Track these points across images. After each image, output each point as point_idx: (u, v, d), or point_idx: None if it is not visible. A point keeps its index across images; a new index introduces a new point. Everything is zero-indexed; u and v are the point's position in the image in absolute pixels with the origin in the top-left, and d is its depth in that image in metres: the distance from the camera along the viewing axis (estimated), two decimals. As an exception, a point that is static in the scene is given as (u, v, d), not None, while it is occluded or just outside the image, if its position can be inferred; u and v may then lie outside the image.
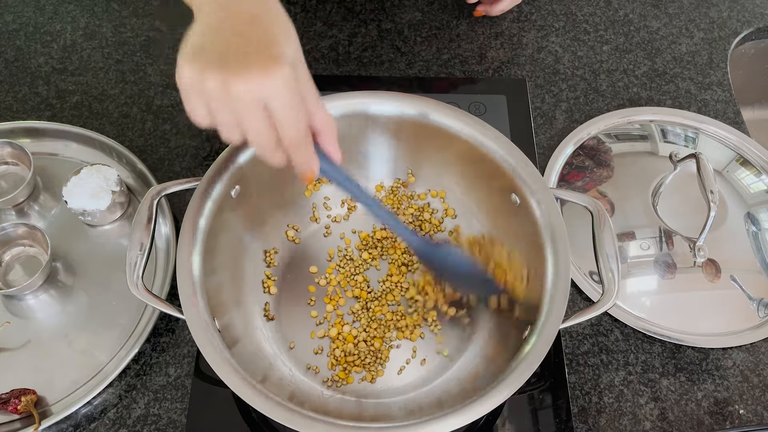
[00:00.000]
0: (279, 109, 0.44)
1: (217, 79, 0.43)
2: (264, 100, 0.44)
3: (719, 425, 0.64)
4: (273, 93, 0.44)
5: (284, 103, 0.44)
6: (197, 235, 0.59)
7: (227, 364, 0.53)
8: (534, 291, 0.59)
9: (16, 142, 0.74)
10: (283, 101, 0.44)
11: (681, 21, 0.93)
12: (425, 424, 0.51)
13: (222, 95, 0.43)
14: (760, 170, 0.79)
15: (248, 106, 0.44)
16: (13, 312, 0.67)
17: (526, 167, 0.63)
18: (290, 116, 0.45)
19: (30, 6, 0.90)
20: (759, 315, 0.69)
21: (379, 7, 0.92)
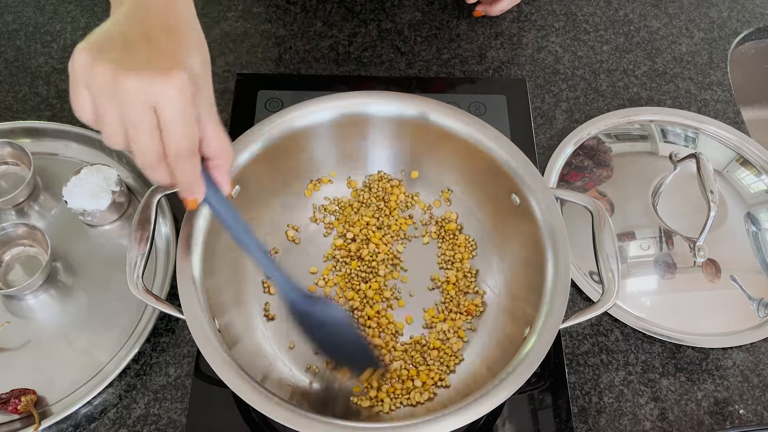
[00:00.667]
0: (168, 117, 0.41)
1: (108, 72, 0.40)
2: (154, 104, 0.41)
3: (719, 425, 0.64)
4: (165, 97, 0.40)
5: (175, 110, 0.41)
6: (197, 235, 0.59)
7: (227, 364, 0.53)
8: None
9: (16, 142, 0.74)
10: (174, 108, 0.41)
11: (681, 21, 0.93)
12: (425, 424, 0.50)
13: (110, 90, 0.40)
14: (760, 170, 0.79)
15: (136, 106, 0.40)
16: (13, 312, 0.67)
17: (526, 167, 0.63)
18: (179, 126, 0.42)
19: (30, 6, 0.90)
20: (759, 315, 0.69)
21: (379, 7, 0.92)
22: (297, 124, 0.65)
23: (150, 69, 0.40)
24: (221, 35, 0.87)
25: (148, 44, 0.42)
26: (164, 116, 0.41)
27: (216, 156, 0.47)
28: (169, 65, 0.41)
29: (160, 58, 0.41)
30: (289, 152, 0.67)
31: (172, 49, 0.42)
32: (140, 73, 0.40)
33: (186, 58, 0.43)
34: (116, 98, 0.41)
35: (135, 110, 0.41)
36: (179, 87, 0.41)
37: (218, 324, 0.56)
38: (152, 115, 0.41)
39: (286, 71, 0.85)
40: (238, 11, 0.90)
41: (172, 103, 0.41)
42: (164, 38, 0.43)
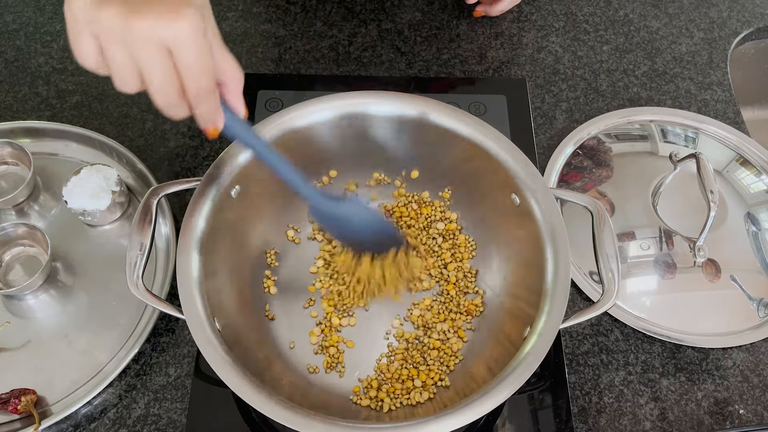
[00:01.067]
0: (185, 55, 0.40)
1: (117, 13, 0.39)
2: (169, 44, 0.40)
3: (719, 425, 0.64)
4: (180, 36, 0.39)
5: (191, 48, 0.40)
6: (197, 235, 0.59)
7: (227, 364, 0.53)
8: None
9: (16, 142, 0.74)
10: (190, 47, 0.40)
11: (681, 21, 0.93)
12: (425, 424, 0.51)
13: (120, 32, 0.39)
14: (760, 170, 0.79)
15: (151, 49, 0.39)
16: (13, 312, 0.67)
17: (526, 167, 0.63)
18: (197, 64, 0.41)
19: (30, 6, 0.90)
20: (759, 315, 0.69)
21: (379, 7, 0.92)
22: (297, 124, 0.65)
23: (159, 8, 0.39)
24: (221, 35, 0.87)
25: None
26: (181, 56, 0.40)
27: (228, 81, 0.47)
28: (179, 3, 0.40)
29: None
30: (289, 152, 0.67)
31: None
32: (150, 14, 0.39)
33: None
34: (127, 41, 0.39)
35: (149, 52, 0.40)
36: (191, 25, 0.40)
37: (218, 324, 0.56)
38: (168, 55, 0.40)
39: (286, 71, 0.85)
40: (238, 11, 0.90)
41: (187, 43, 0.40)
42: None
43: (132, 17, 0.39)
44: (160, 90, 0.42)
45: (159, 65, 0.40)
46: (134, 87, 0.42)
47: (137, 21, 0.39)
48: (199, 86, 0.43)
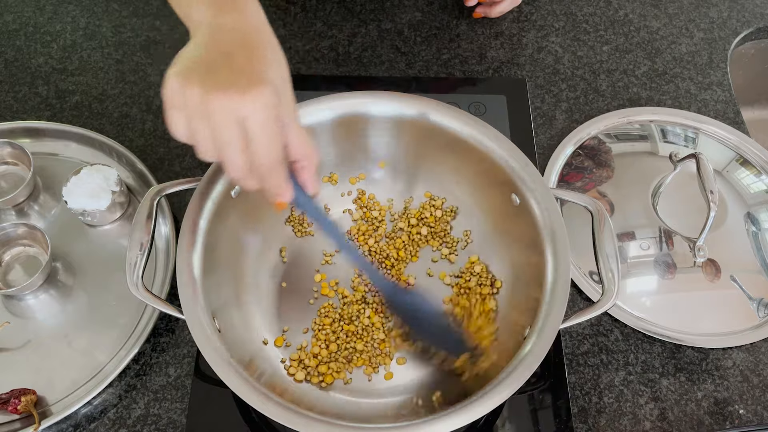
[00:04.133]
0: (255, 130, 0.43)
1: (199, 92, 0.43)
2: (241, 119, 0.43)
3: (719, 425, 0.64)
4: (251, 112, 0.43)
5: (261, 123, 0.43)
6: (197, 235, 0.59)
7: (227, 364, 0.53)
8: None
9: (16, 142, 0.74)
10: (259, 122, 0.43)
11: (681, 21, 0.93)
12: (425, 424, 0.51)
13: (201, 109, 0.43)
14: (760, 170, 0.79)
15: (225, 122, 0.43)
16: (13, 312, 0.67)
17: (526, 167, 0.63)
18: (265, 138, 0.44)
19: (30, 6, 0.90)
20: (759, 315, 0.69)
21: (379, 7, 0.92)
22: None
23: (234, 87, 0.42)
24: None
25: (230, 64, 0.44)
26: (251, 131, 0.43)
27: (301, 158, 0.49)
28: (250, 81, 0.43)
29: (240, 75, 0.43)
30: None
31: (249, 63, 0.44)
32: (225, 92, 0.42)
33: (265, 70, 0.44)
34: (206, 117, 0.43)
35: (224, 127, 0.43)
36: (262, 101, 0.43)
37: (218, 324, 0.56)
38: (240, 130, 0.43)
39: (286, 71, 0.85)
40: (238, 11, 0.90)
41: (257, 118, 0.43)
42: (241, 54, 0.45)
43: (209, 96, 0.42)
44: (232, 160, 0.45)
45: (231, 137, 0.44)
46: (213, 156, 0.45)
47: (214, 99, 0.42)
48: (265, 160, 0.45)
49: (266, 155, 0.45)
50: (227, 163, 0.45)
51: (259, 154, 0.45)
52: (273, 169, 0.46)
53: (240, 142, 0.44)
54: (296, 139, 0.48)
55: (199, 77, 0.43)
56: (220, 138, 0.44)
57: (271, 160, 0.45)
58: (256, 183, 0.47)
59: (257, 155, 0.45)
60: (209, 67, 0.44)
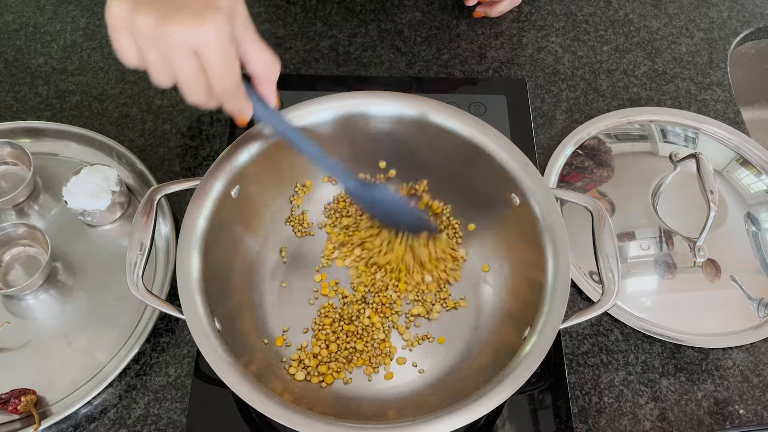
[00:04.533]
0: (210, 58, 0.44)
1: (149, 18, 0.42)
2: (195, 47, 0.43)
3: (719, 425, 0.64)
4: (204, 41, 0.43)
5: (216, 52, 0.43)
6: (197, 235, 0.59)
7: (227, 364, 0.53)
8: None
9: (16, 142, 0.74)
10: (214, 50, 0.43)
11: (681, 21, 0.93)
12: (425, 424, 0.51)
13: (153, 35, 0.43)
14: (760, 170, 0.79)
15: (179, 51, 0.43)
16: (13, 312, 0.67)
17: (526, 167, 0.63)
18: (221, 66, 0.44)
19: (30, 6, 0.90)
20: (759, 315, 0.69)
21: (379, 7, 0.92)
22: (297, 124, 0.65)
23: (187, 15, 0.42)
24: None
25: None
26: (206, 58, 0.44)
27: (260, 73, 0.50)
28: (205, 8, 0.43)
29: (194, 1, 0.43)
30: (289, 152, 0.67)
31: None
32: (179, 19, 0.42)
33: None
34: (159, 43, 0.43)
35: (178, 54, 0.43)
36: (216, 29, 0.43)
37: (218, 324, 0.56)
38: (195, 57, 0.43)
39: (286, 71, 0.85)
40: (238, 11, 0.90)
41: (211, 46, 0.43)
42: None
43: (162, 22, 0.42)
44: (189, 88, 0.46)
45: (187, 66, 0.44)
46: (168, 83, 0.46)
47: (167, 26, 0.42)
48: (224, 86, 0.46)
49: (223, 80, 0.45)
50: (184, 89, 0.46)
51: (216, 80, 0.45)
52: (232, 91, 0.47)
53: (196, 69, 0.44)
54: (252, 53, 0.48)
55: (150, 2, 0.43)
56: (175, 66, 0.44)
57: (228, 83, 0.46)
58: (216, 104, 0.48)
59: (215, 81, 0.45)
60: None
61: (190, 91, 0.46)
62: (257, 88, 0.51)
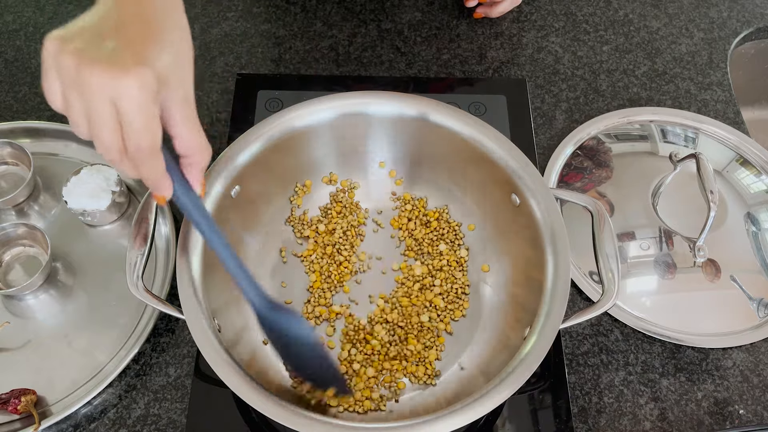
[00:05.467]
0: (127, 111, 0.41)
1: (72, 62, 0.40)
2: (114, 98, 0.40)
3: (719, 425, 0.64)
4: (124, 94, 0.40)
5: (134, 107, 0.41)
6: (197, 235, 0.59)
7: (227, 364, 0.53)
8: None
9: (16, 142, 0.74)
10: (133, 105, 0.40)
11: (681, 21, 0.93)
12: (425, 424, 0.51)
13: (74, 80, 0.40)
14: (760, 170, 0.79)
15: (97, 99, 0.40)
16: (13, 312, 0.67)
17: (526, 167, 0.63)
18: (137, 123, 0.41)
19: (30, 6, 0.90)
20: (759, 315, 0.69)
21: (379, 7, 0.92)
22: (297, 124, 0.65)
23: (112, 63, 0.40)
24: (221, 35, 0.87)
25: (117, 35, 0.41)
26: (123, 111, 0.41)
27: (188, 154, 0.47)
28: (133, 60, 0.40)
29: (125, 51, 0.41)
30: (289, 152, 0.67)
31: (141, 42, 0.42)
32: (101, 67, 0.40)
33: (155, 54, 0.42)
34: (79, 89, 0.41)
35: (95, 103, 0.41)
36: (139, 84, 0.40)
37: (218, 324, 0.56)
38: (112, 109, 0.41)
39: (286, 71, 0.85)
40: (238, 11, 0.90)
41: (130, 100, 0.40)
42: (136, 29, 0.42)
43: (84, 67, 0.40)
44: (102, 140, 0.42)
45: (102, 116, 0.41)
46: (85, 133, 0.43)
47: (88, 72, 0.40)
48: (138, 144, 0.42)
49: (138, 139, 0.42)
50: (98, 142, 0.43)
51: (130, 137, 0.42)
52: (146, 157, 0.43)
53: (112, 122, 0.41)
54: (184, 131, 0.45)
55: (79, 46, 0.40)
56: (92, 115, 0.41)
57: (143, 145, 0.42)
58: (130, 169, 0.44)
59: (129, 139, 0.42)
60: (95, 36, 0.41)
61: (102, 144, 0.42)
62: (183, 169, 0.47)
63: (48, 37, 0.41)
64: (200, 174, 0.49)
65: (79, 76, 0.40)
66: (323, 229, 0.71)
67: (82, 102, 0.41)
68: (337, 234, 0.70)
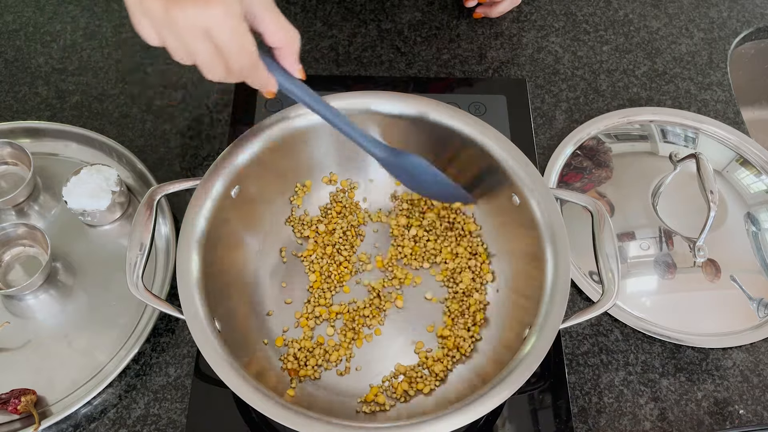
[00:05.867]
0: (221, 39, 0.44)
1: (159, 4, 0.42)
2: (204, 28, 0.43)
3: (719, 425, 0.64)
4: (213, 22, 0.43)
5: (226, 32, 0.43)
6: (197, 235, 0.59)
7: (227, 364, 0.53)
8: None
9: (16, 142, 0.74)
10: (224, 31, 0.43)
11: (681, 21, 0.93)
12: (425, 424, 0.51)
13: (164, 20, 0.43)
14: (760, 170, 0.79)
15: (190, 34, 0.43)
16: (13, 312, 0.67)
17: (526, 167, 0.63)
18: (233, 46, 0.44)
19: (30, 6, 0.90)
20: (759, 315, 0.69)
21: (379, 7, 0.92)
22: (297, 124, 0.65)
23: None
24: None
25: None
26: (218, 39, 0.44)
27: (280, 45, 0.50)
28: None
29: None
30: (289, 152, 0.67)
31: None
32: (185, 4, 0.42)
33: None
34: (171, 27, 0.43)
35: (190, 37, 0.43)
36: (224, 8, 0.42)
37: (218, 324, 0.56)
38: (207, 39, 0.43)
39: (286, 71, 0.85)
40: (238, 11, 0.90)
41: (222, 27, 0.43)
42: None
43: (170, 6, 0.42)
44: (206, 68, 0.46)
45: (200, 47, 0.44)
46: (189, 61, 0.46)
47: (174, 9, 0.42)
48: (240, 63, 0.46)
49: (238, 59, 0.45)
50: (202, 68, 0.46)
51: (231, 59, 0.45)
52: (249, 68, 0.47)
53: (210, 50, 0.44)
54: (271, 26, 0.48)
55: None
56: (190, 47, 0.44)
57: (245, 61, 0.46)
58: (239, 80, 0.48)
59: (230, 61, 0.45)
60: None
61: (209, 72, 0.46)
62: (279, 61, 0.51)
63: None
64: (295, 60, 0.51)
65: (168, 15, 0.43)
66: (323, 229, 0.71)
67: (176, 37, 0.44)
68: (337, 234, 0.70)
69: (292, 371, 0.63)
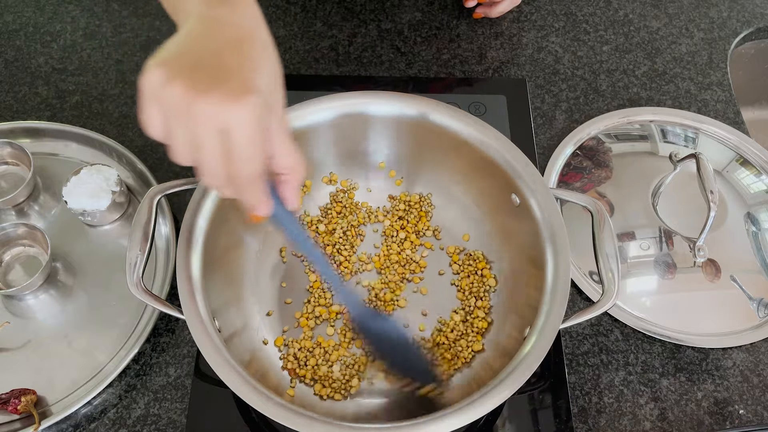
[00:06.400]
0: (238, 142, 0.40)
1: (182, 92, 0.39)
2: (225, 129, 0.39)
3: (719, 425, 0.64)
4: (236, 123, 0.39)
5: (245, 136, 0.40)
6: (197, 235, 0.59)
7: (227, 364, 0.53)
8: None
9: (16, 142, 0.74)
10: (244, 134, 0.40)
11: (681, 21, 0.93)
12: (425, 424, 0.50)
13: (181, 110, 0.39)
14: (760, 170, 0.79)
15: (206, 130, 0.39)
16: (13, 312, 0.67)
17: (526, 167, 0.63)
18: (248, 152, 0.40)
19: (30, 6, 0.90)
20: (759, 315, 0.69)
21: (379, 7, 0.92)
22: (297, 124, 0.65)
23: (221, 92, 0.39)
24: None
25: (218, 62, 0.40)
26: (233, 143, 0.40)
27: (287, 172, 0.46)
28: (239, 87, 0.39)
29: (229, 78, 0.40)
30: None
31: (239, 65, 0.41)
32: (214, 95, 0.39)
33: (256, 76, 0.41)
34: (187, 120, 0.40)
35: (204, 134, 0.40)
36: (250, 113, 0.39)
37: (218, 324, 0.56)
38: (221, 140, 0.40)
39: (286, 71, 0.84)
40: (238, 11, 0.90)
41: (242, 130, 0.39)
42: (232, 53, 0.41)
43: (196, 96, 0.39)
44: (209, 170, 0.42)
45: (212, 146, 0.40)
46: (187, 162, 0.42)
47: (200, 100, 0.39)
48: (245, 173, 0.42)
49: (246, 169, 0.41)
50: (203, 171, 0.42)
51: (238, 168, 0.41)
52: (252, 182, 0.43)
53: (219, 152, 0.40)
54: (283, 150, 0.44)
55: (184, 74, 0.39)
56: (198, 144, 0.40)
57: (251, 173, 0.42)
58: (232, 193, 0.44)
59: (237, 168, 0.41)
60: (196, 63, 0.40)
61: (210, 173, 0.42)
62: (280, 187, 0.47)
63: (149, 66, 0.39)
64: (297, 190, 0.48)
65: (187, 106, 0.39)
66: (323, 229, 0.71)
67: (188, 132, 0.40)
68: (337, 234, 0.70)
69: (292, 371, 0.63)
